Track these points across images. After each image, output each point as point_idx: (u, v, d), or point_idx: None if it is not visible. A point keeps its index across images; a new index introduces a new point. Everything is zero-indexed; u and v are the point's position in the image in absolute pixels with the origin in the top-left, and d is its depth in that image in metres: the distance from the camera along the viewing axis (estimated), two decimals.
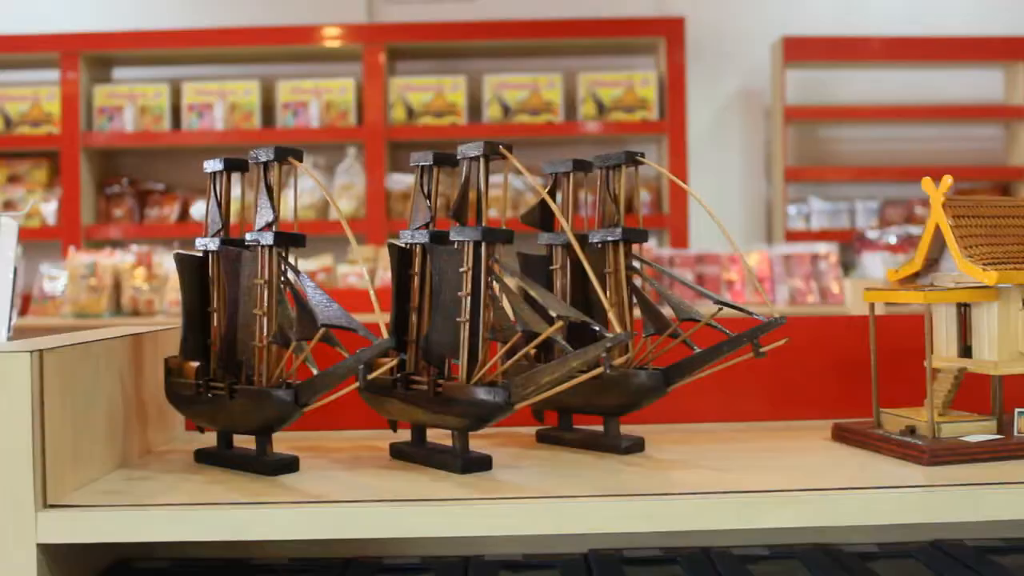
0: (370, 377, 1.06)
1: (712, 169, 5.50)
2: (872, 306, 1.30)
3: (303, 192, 5.02)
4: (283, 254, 1.15)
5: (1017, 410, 1.20)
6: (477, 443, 1.24)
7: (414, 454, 1.19)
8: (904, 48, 5.43)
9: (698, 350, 1.21)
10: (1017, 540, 1.37)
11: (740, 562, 1.28)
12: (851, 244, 4.92)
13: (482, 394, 1.08)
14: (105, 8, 5.54)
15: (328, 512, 0.99)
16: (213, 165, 1.22)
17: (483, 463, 1.13)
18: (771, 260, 4.34)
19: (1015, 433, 1.19)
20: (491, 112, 5.19)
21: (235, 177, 1.23)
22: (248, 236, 1.16)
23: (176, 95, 5.29)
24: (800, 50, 5.35)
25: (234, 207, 1.24)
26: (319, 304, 1.08)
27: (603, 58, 5.46)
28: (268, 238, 1.14)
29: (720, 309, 1.23)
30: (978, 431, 1.20)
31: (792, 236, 5.36)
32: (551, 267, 1.30)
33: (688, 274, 4.23)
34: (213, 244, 1.21)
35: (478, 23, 5.26)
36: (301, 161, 1.16)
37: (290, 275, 1.15)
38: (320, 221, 5.09)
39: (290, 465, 1.14)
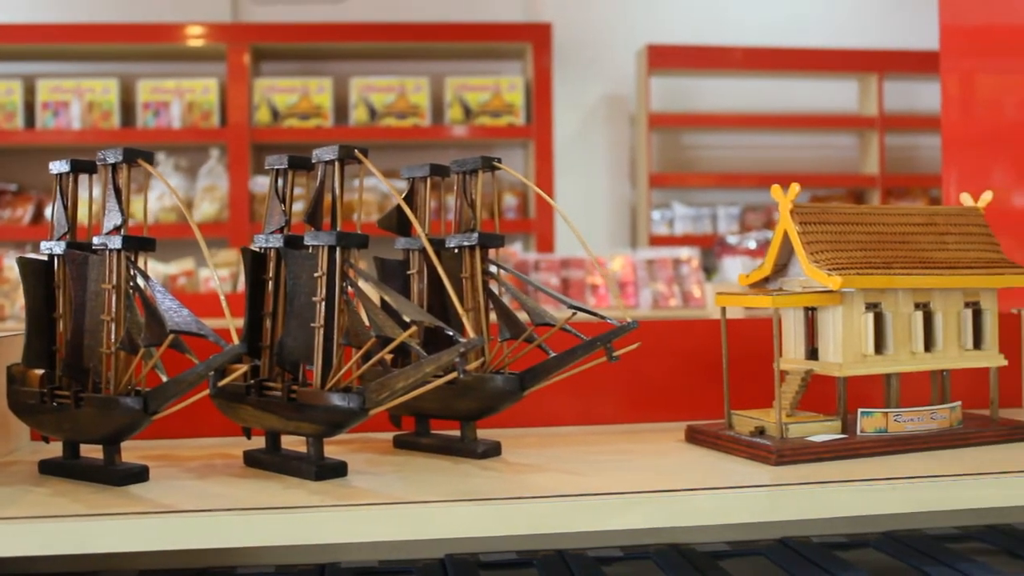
0: (221, 384, 1.04)
1: (578, 174, 5.56)
2: (723, 310, 1.33)
3: (165, 194, 4.91)
4: (132, 258, 1.12)
5: (860, 410, 1.24)
6: (333, 450, 1.23)
7: (268, 461, 1.17)
8: (765, 58, 5.59)
9: (553, 354, 1.22)
10: (860, 535, 1.41)
11: (595, 563, 1.30)
12: (712, 249, 5.04)
13: (336, 400, 1.07)
14: None
15: (177, 522, 0.97)
16: (59, 166, 1.19)
17: (338, 469, 1.12)
18: (635, 264, 4.40)
19: (858, 432, 1.23)
20: (357, 115, 5.16)
21: (84, 179, 1.20)
22: (95, 240, 1.13)
23: (30, 92, 5.12)
24: (664, 58, 5.46)
25: (89, 209, 1.20)
26: (168, 310, 1.05)
27: (470, 63, 5.48)
28: (116, 242, 1.11)
29: (574, 314, 1.25)
30: (824, 431, 1.24)
31: (656, 241, 5.47)
32: (408, 272, 1.30)
33: (553, 278, 4.27)
34: (59, 248, 1.17)
35: (345, 25, 5.23)
36: (152, 163, 1.13)
37: (139, 280, 1.12)
38: (182, 224, 4.99)
39: (139, 475, 1.11)
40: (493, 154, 1.28)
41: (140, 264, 1.12)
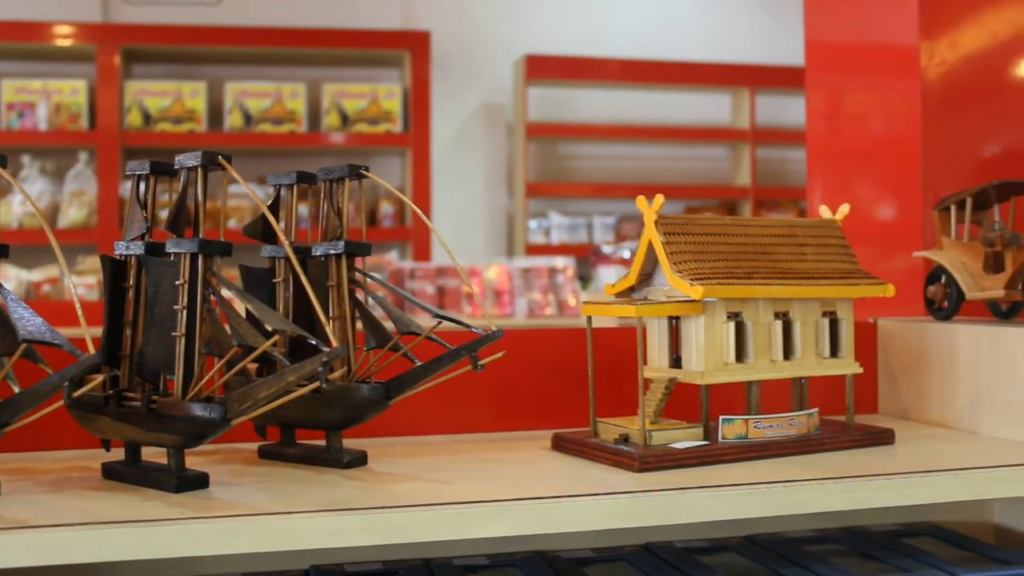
0: (76, 394, 1.01)
1: (455, 182, 5.57)
2: (589, 319, 1.34)
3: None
4: None
5: (721, 417, 1.27)
6: (196, 461, 1.21)
7: (127, 474, 1.14)
8: (641, 71, 5.68)
9: (419, 363, 1.22)
10: (722, 540, 1.44)
11: (461, 572, 1.30)
12: (588, 258, 5.09)
13: (197, 410, 1.05)
14: None
15: (31, 538, 0.94)
16: None
17: (199, 481, 1.10)
18: (511, 273, 4.42)
19: (720, 439, 1.26)
20: (232, 120, 5.08)
21: None
22: None
23: None
24: (542, 68, 5.51)
25: None
26: (21, 318, 1.02)
27: (348, 69, 5.44)
28: None
29: (439, 323, 1.25)
30: (686, 438, 1.26)
31: (532, 249, 5.50)
32: (275, 280, 1.29)
33: (429, 287, 4.26)
34: None
35: (220, 28, 5.14)
36: (5, 167, 1.10)
37: None
38: None
39: None
40: (370, 161, 1.27)
41: None
